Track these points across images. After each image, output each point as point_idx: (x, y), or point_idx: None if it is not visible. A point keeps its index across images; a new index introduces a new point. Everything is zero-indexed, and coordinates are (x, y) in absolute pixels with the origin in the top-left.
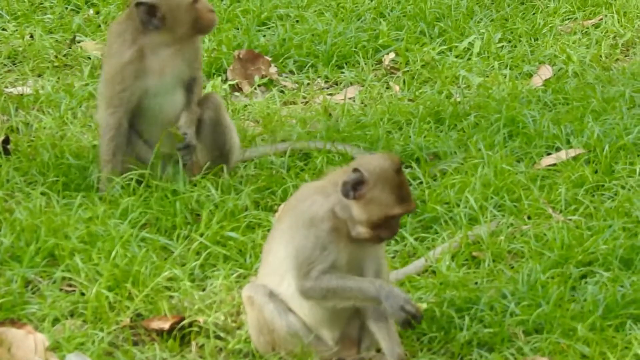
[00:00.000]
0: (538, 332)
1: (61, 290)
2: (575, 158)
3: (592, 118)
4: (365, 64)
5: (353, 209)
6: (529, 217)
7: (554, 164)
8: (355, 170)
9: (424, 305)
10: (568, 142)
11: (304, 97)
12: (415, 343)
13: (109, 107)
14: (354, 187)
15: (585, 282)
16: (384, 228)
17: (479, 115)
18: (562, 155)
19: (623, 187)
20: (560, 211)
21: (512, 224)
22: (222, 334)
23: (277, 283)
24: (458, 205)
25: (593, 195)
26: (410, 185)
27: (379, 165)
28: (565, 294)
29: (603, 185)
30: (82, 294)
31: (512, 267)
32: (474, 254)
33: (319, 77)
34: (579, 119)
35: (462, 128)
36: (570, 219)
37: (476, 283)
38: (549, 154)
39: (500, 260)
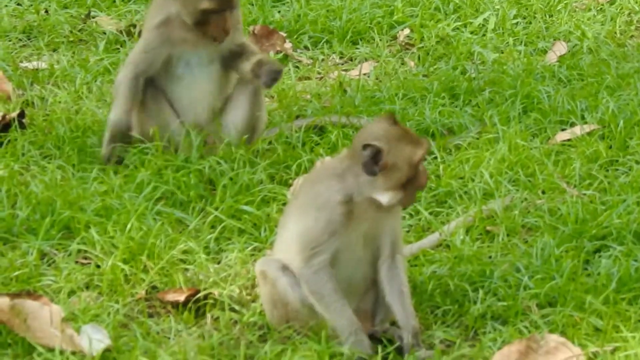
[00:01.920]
0: (552, 305)
1: (77, 262)
2: (589, 133)
3: (606, 94)
4: (380, 40)
5: (379, 182)
6: (543, 192)
7: (569, 140)
8: (365, 146)
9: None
10: (583, 117)
11: (319, 73)
12: (430, 316)
13: (129, 65)
14: (374, 161)
15: (599, 256)
16: (415, 179)
17: (493, 91)
18: (577, 130)
19: (637, 162)
20: (575, 186)
21: (526, 199)
22: (237, 307)
23: (291, 259)
24: (472, 180)
25: (607, 170)
26: (425, 161)
27: (379, 128)
28: (579, 268)
29: (617, 161)
30: (98, 267)
31: (526, 241)
32: (488, 228)
33: (333, 53)
34: (594, 94)
35: (477, 103)
36: (584, 194)
37: (490, 257)
38: (564, 129)
39: (515, 235)
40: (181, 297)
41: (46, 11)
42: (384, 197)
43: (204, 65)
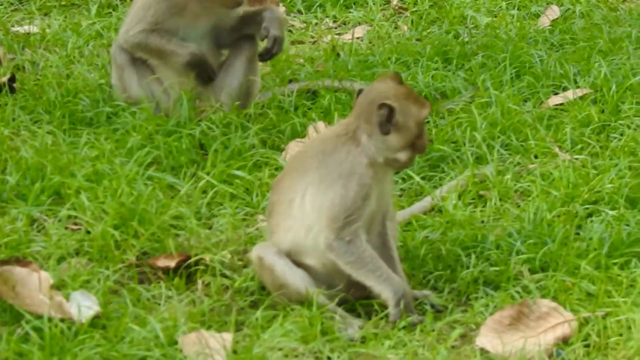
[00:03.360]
0: (544, 270)
1: (66, 228)
2: (582, 98)
3: (599, 58)
4: (374, 3)
5: (391, 141)
6: (535, 156)
7: (561, 104)
8: (381, 105)
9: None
10: (575, 81)
11: (312, 37)
12: (422, 281)
13: (139, 23)
14: (388, 120)
15: (591, 221)
16: (419, 139)
17: (486, 55)
18: (569, 94)
19: (629, 127)
20: (567, 150)
21: (519, 163)
22: (228, 273)
23: (302, 236)
24: (465, 144)
25: (599, 135)
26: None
27: (388, 88)
28: (571, 233)
29: (609, 125)
30: (88, 232)
31: (519, 206)
32: (481, 192)
33: (327, 16)
34: (586, 59)
35: (470, 68)
36: (576, 158)
37: (482, 222)
38: (556, 93)
39: (507, 199)
40: (172, 263)
41: None
42: (394, 159)
43: (197, 40)
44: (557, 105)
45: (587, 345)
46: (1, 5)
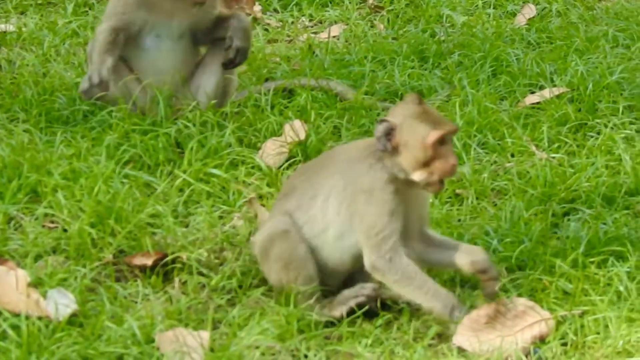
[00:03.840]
0: (520, 269)
1: (43, 226)
2: (558, 96)
3: (575, 57)
4: (350, 2)
5: (401, 159)
6: (512, 155)
7: (538, 102)
8: (381, 121)
9: None
10: (552, 80)
11: (288, 36)
12: None
13: (106, 20)
14: (387, 137)
15: (568, 219)
16: (436, 161)
17: (462, 54)
18: (546, 93)
19: (606, 126)
20: (544, 149)
21: (495, 162)
22: (204, 271)
23: (320, 229)
24: None
25: (576, 133)
26: (446, 145)
27: (400, 107)
28: (547, 231)
29: (586, 124)
30: (65, 231)
31: (495, 205)
32: (458, 191)
33: (303, 15)
34: (563, 57)
35: (446, 66)
36: (553, 157)
37: (459, 220)
38: (533, 92)
39: (484, 198)
40: (149, 261)
41: None
42: (417, 176)
43: (174, 39)
44: (533, 104)
45: (565, 344)
46: None
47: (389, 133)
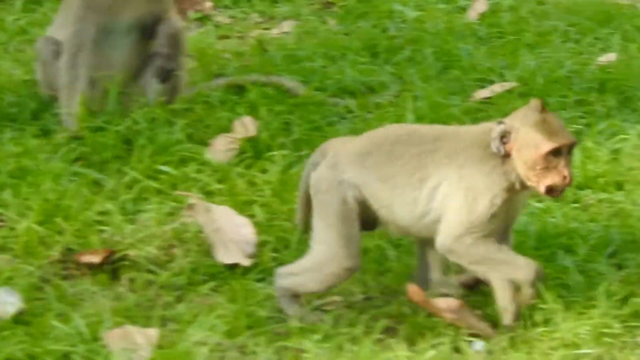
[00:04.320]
0: None
1: None
2: (509, 91)
3: (526, 51)
4: None
5: (516, 164)
6: None
7: (488, 97)
8: (499, 122)
9: None
10: (502, 75)
11: (239, 32)
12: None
13: (67, 49)
14: (502, 141)
15: None
16: (550, 172)
17: (414, 49)
18: (497, 88)
19: None
20: None
21: None
22: (153, 268)
23: (420, 213)
24: None
25: None
26: (563, 158)
27: (520, 111)
28: None
29: None
30: (12, 229)
31: None
32: None
33: (254, 11)
34: (513, 52)
35: (397, 62)
36: None
37: None
38: (483, 87)
39: None
40: (97, 259)
41: None
42: (530, 181)
43: (123, 35)
44: (484, 98)
45: (512, 337)
46: None
47: (504, 136)
